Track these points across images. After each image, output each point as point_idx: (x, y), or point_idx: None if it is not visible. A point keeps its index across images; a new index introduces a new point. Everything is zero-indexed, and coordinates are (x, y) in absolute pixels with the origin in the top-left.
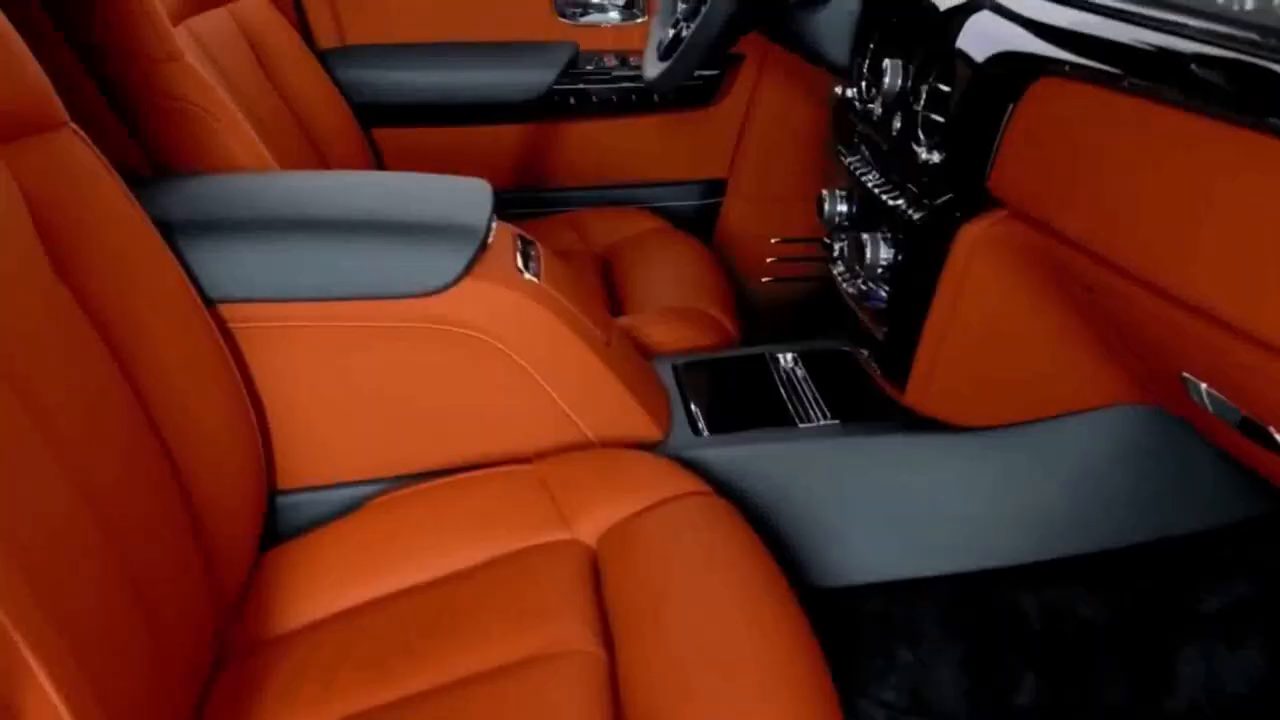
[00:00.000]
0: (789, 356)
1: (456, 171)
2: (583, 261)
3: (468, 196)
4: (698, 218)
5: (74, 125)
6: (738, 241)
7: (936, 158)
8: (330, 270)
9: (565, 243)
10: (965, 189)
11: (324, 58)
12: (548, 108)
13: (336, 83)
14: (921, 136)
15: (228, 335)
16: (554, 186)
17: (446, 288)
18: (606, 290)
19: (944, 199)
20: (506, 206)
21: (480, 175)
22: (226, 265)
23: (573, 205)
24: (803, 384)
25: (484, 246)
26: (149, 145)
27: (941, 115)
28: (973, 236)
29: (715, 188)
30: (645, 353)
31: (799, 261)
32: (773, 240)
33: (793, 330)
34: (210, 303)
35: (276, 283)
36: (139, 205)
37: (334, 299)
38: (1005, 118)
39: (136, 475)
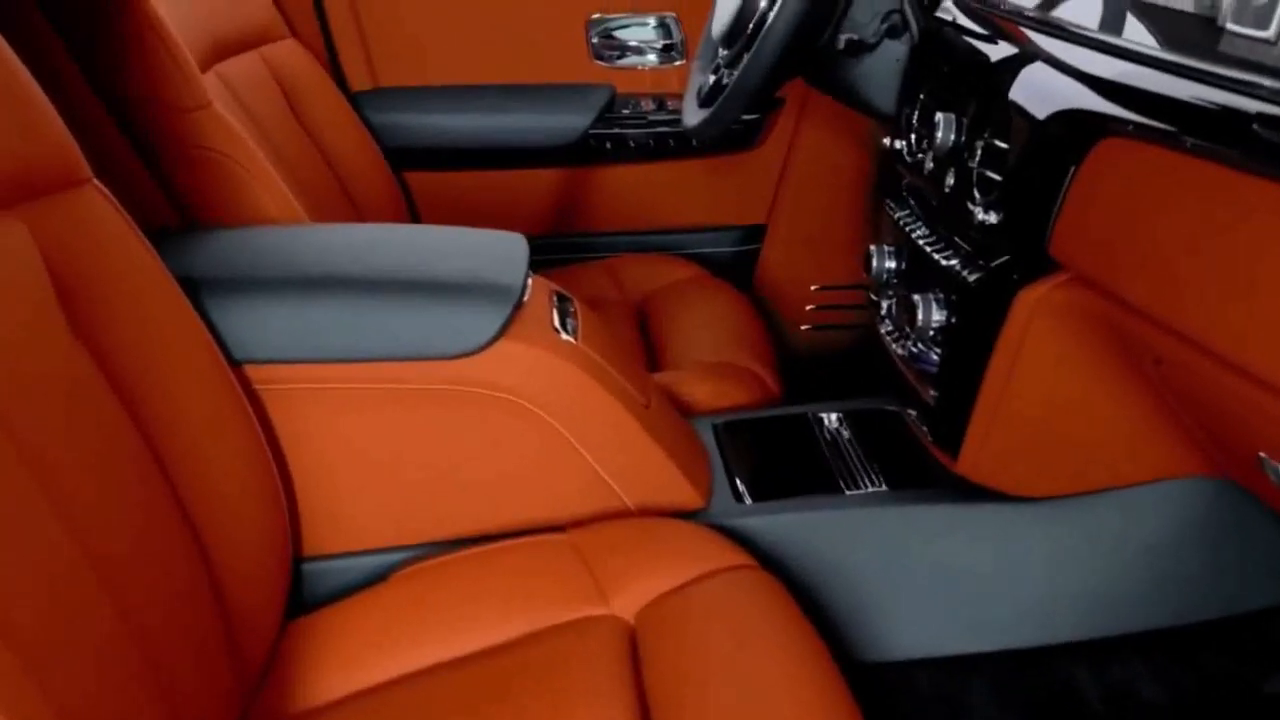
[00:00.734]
0: (834, 417)
1: (490, 216)
2: (619, 311)
3: (502, 252)
4: (736, 264)
5: (97, 182)
6: (777, 288)
7: (993, 218)
8: (359, 330)
9: (601, 290)
10: (1023, 251)
11: (356, 100)
12: (584, 152)
13: (368, 125)
14: (977, 195)
15: (253, 397)
16: (589, 232)
17: (480, 349)
18: (643, 342)
19: (1001, 260)
20: (541, 252)
21: (514, 220)
22: (252, 325)
23: (608, 251)
24: (848, 446)
25: (519, 306)
26: (176, 195)
27: (998, 173)
28: (1032, 301)
29: (754, 233)
30: (685, 411)
31: (840, 309)
32: (813, 287)
33: (835, 382)
34: (235, 363)
35: (304, 343)
36: (163, 263)
37: (363, 360)
38: (1067, 179)
39: (152, 542)
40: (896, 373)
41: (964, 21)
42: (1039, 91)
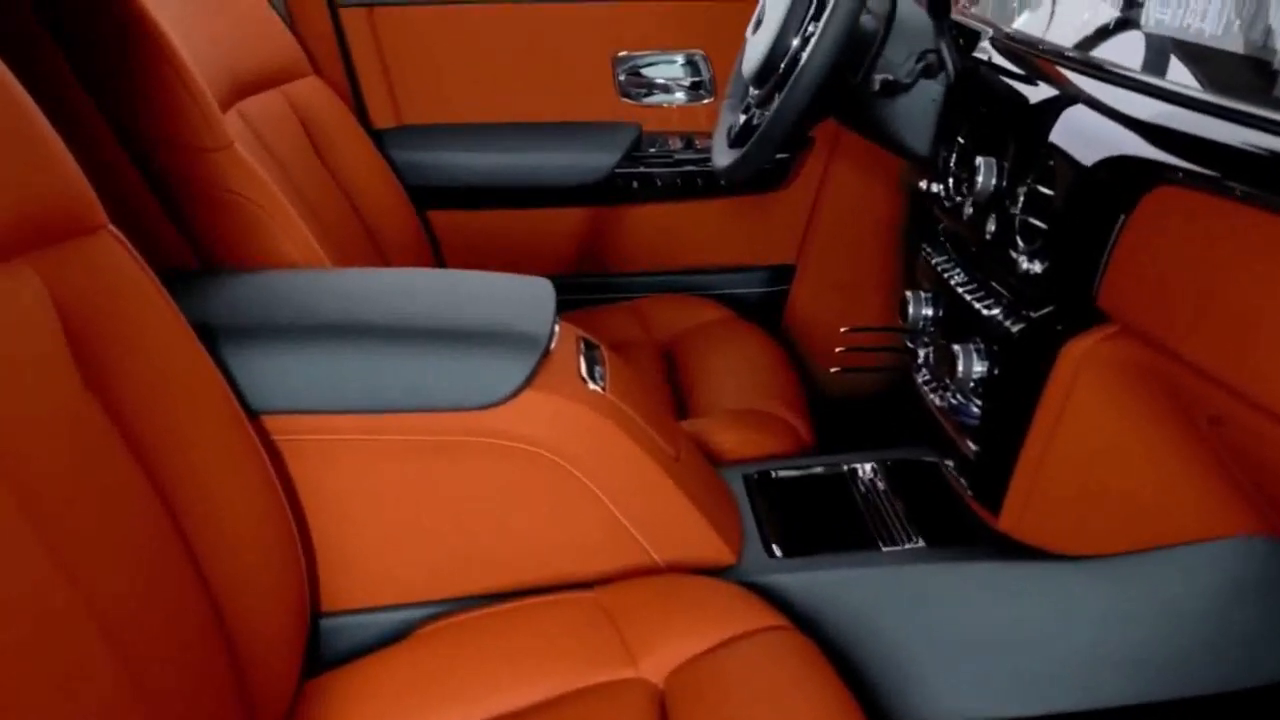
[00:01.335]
0: (868, 468)
1: (515, 256)
2: (646, 353)
3: (529, 298)
4: (764, 304)
5: (113, 228)
6: (806, 330)
7: (1038, 267)
8: (382, 381)
9: (627, 332)
10: (1069, 301)
11: (379, 138)
12: (610, 191)
13: (391, 164)
14: (1020, 243)
15: (271, 448)
16: (615, 272)
17: (506, 400)
18: (671, 386)
19: (1045, 311)
20: (566, 293)
21: (540, 260)
22: (271, 374)
23: (635, 291)
24: (884, 499)
25: (546, 354)
26: (195, 238)
27: (1042, 220)
28: (1078, 354)
29: (783, 274)
30: (714, 461)
31: (871, 351)
32: (843, 329)
33: (867, 426)
34: (253, 414)
35: (324, 393)
36: (179, 311)
37: (385, 411)
38: (1116, 228)
39: (162, 597)
40: (934, 423)
41: (1001, 61)
42: (1083, 136)
